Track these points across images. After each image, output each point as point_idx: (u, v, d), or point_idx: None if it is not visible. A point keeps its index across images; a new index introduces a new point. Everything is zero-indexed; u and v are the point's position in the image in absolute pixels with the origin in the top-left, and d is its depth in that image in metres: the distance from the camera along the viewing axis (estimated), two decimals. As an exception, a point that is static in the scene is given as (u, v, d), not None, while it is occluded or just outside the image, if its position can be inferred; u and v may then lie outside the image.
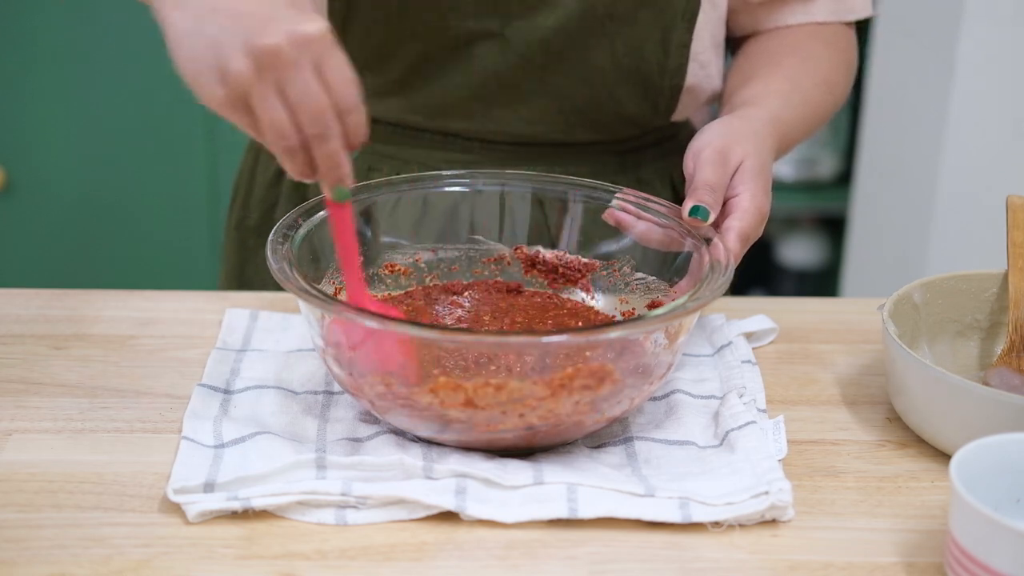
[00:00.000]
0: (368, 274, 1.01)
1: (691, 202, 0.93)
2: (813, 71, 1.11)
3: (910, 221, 2.19)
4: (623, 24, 1.08)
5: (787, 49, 1.13)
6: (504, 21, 1.07)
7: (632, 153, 1.18)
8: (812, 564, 0.78)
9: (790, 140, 1.07)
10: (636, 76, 1.11)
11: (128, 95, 2.41)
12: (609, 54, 1.09)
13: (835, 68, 1.14)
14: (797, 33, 1.15)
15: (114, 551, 0.77)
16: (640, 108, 1.14)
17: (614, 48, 1.09)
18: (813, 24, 1.16)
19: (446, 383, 0.83)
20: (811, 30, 1.16)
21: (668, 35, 1.09)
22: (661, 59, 1.10)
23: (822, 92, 1.11)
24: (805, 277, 2.74)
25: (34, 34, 2.36)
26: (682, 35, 1.10)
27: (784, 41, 1.15)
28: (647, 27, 1.09)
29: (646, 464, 0.87)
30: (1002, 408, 0.84)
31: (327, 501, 0.81)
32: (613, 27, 1.08)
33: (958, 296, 1.00)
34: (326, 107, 0.78)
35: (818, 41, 1.15)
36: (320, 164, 0.80)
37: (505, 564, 0.77)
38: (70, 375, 0.97)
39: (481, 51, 0.97)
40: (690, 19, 1.09)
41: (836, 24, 1.16)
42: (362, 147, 0.81)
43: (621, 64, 1.10)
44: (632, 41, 1.09)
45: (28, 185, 2.47)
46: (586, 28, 1.07)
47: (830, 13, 1.16)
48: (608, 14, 1.07)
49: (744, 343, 1.02)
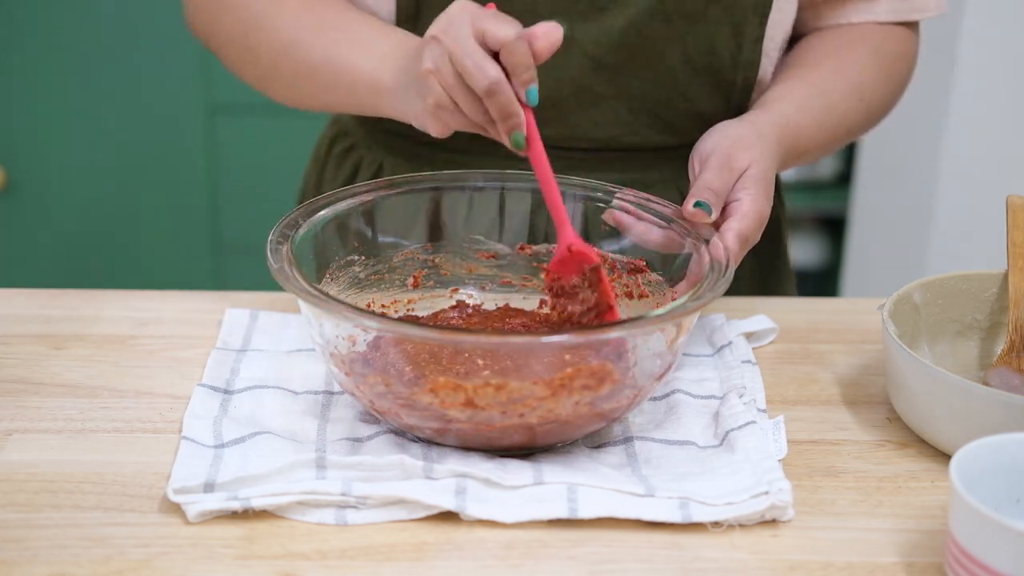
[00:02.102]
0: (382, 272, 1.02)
1: (693, 199, 0.93)
2: (845, 78, 1.10)
3: (910, 221, 2.19)
4: (693, 21, 1.07)
5: (826, 53, 1.12)
6: (573, 23, 1.06)
7: None
8: (812, 564, 0.78)
9: (805, 147, 1.06)
10: (708, 72, 1.10)
11: (128, 95, 2.41)
12: (680, 52, 1.08)
13: (873, 76, 1.12)
14: (847, 35, 1.13)
15: (114, 551, 0.77)
16: (713, 105, 1.12)
17: (685, 46, 1.08)
18: (872, 24, 1.14)
19: (446, 383, 0.83)
20: (865, 32, 1.14)
21: (740, 29, 1.08)
22: (735, 53, 1.09)
23: (852, 100, 1.10)
24: (805, 277, 2.74)
25: (34, 34, 2.36)
26: (754, 29, 1.09)
27: (829, 44, 1.13)
28: (717, 23, 1.07)
29: (646, 464, 0.87)
30: (1002, 408, 0.84)
31: (327, 501, 0.81)
32: (683, 25, 1.07)
33: (958, 296, 1.00)
34: (483, 59, 0.87)
35: (863, 45, 1.13)
36: (493, 114, 0.89)
37: (505, 564, 0.77)
38: (70, 375, 0.97)
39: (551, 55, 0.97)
40: (763, 14, 1.08)
41: (896, 26, 1.15)
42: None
43: (693, 61, 1.09)
44: (703, 37, 1.08)
45: (28, 185, 2.47)
46: (656, 27, 1.07)
47: (892, 13, 1.14)
48: (677, 12, 1.06)
49: (744, 343, 1.02)
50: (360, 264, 1.00)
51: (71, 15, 2.35)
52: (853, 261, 2.44)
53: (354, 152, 1.21)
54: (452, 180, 1.03)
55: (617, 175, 1.11)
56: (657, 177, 1.14)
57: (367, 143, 1.20)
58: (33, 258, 2.53)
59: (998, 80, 2.02)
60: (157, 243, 2.53)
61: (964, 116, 2.05)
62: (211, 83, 2.38)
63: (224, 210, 2.51)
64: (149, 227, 2.52)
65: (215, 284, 2.53)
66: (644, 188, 1.03)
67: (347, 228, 0.99)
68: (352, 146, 1.22)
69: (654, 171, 1.14)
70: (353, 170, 1.21)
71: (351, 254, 0.99)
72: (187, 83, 2.40)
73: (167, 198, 2.50)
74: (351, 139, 1.22)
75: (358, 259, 1.00)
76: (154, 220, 2.51)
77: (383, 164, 1.18)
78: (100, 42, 2.38)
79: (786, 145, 1.02)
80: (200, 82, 2.39)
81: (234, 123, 2.43)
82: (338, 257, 0.98)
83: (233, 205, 2.49)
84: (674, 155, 1.14)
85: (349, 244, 0.99)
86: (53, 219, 2.50)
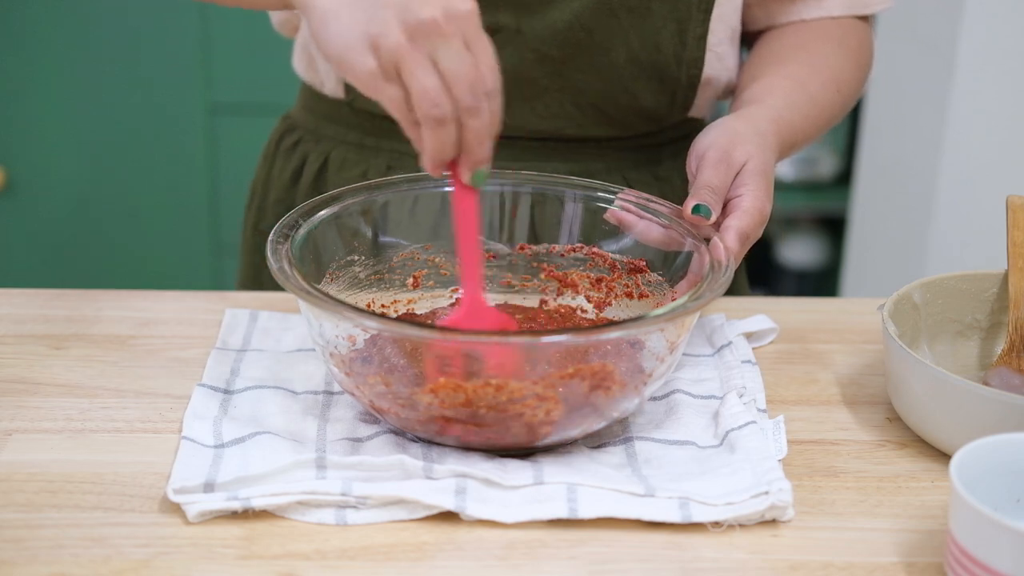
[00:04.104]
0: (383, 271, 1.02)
1: (693, 201, 0.94)
2: (820, 71, 1.11)
3: (910, 221, 2.19)
4: (638, 17, 1.08)
5: (795, 48, 1.13)
6: (519, 15, 1.07)
7: (649, 149, 1.18)
8: (812, 564, 0.78)
9: (795, 140, 1.07)
10: (652, 69, 1.11)
11: (128, 95, 2.42)
12: (624, 47, 1.09)
13: (844, 67, 1.13)
14: (808, 30, 1.15)
15: (114, 551, 0.77)
16: (657, 101, 1.13)
17: (629, 41, 1.09)
18: (827, 19, 1.15)
19: (446, 383, 0.83)
20: (824, 27, 1.15)
21: (684, 26, 1.09)
22: (678, 50, 1.10)
23: (830, 92, 1.11)
24: (805, 277, 2.74)
25: (34, 34, 2.36)
26: (698, 26, 1.10)
27: (794, 39, 1.14)
28: (662, 19, 1.08)
29: (646, 464, 0.87)
30: (1002, 408, 0.84)
31: (327, 501, 0.81)
32: (628, 20, 1.08)
33: (958, 296, 1.00)
34: (479, 79, 0.79)
35: (829, 39, 1.14)
36: (468, 139, 0.80)
37: (505, 564, 0.77)
38: (70, 375, 0.97)
39: (496, 46, 0.97)
40: (706, 10, 1.09)
41: (850, 19, 1.16)
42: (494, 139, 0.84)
43: (637, 57, 1.10)
44: (648, 33, 1.09)
45: (28, 185, 2.47)
46: (601, 21, 1.07)
47: (845, 7, 1.15)
48: (623, 6, 1.07)
49: (744, 343, 1.02)
50: (360, 264, 1.00)
51: (71, 15, 2.35)
52: (853, 261, 2.44)
53: (301, 146, 1.23)
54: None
55: (561, 164, 1.12)
56: (602, 167, 1.15)
57: (314, 136, 1.21)
58: (33, 258, 2.53)
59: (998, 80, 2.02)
60: (157, 243, 2.53)
61: (964, 116, 2.05)
62: (211, 83, 2.39)
63: (224, 210, 2.51)
64: (149, 227, 2.52)
65: (215, 284, 2.53)
66: (589, 177, 1.05)
67: (347, 228, 0.99)
68: (299, 140, 1.23)
69: (599, 161, 1.15)
70: (300, 163, 1.22)
71: (351, 254, 0.99)
72: (187, 83, 2.40)
73: (167, 198, 2.50)
74: (299, 133, 1.24)
75: (358, 259, 1.00)
76: (154, 220, 2.51)
77: (329, 157, 1.20)
78: (100, 42, 2.38)
79: (782, 138, 1.03)
80: (200, 82, 2.39)
81: (234, 123, 2.43)
82: (338, 257, 0.98)
83: (233, 205, 2.50)
84: (619, 145, 1.15)
85: (349, 244, 0.99)
86: (53, 219, 2.50)
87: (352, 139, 1.18)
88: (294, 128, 1.25)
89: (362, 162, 1.17)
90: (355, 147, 1.18)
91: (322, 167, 1.20)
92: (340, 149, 1.19)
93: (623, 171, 1.16)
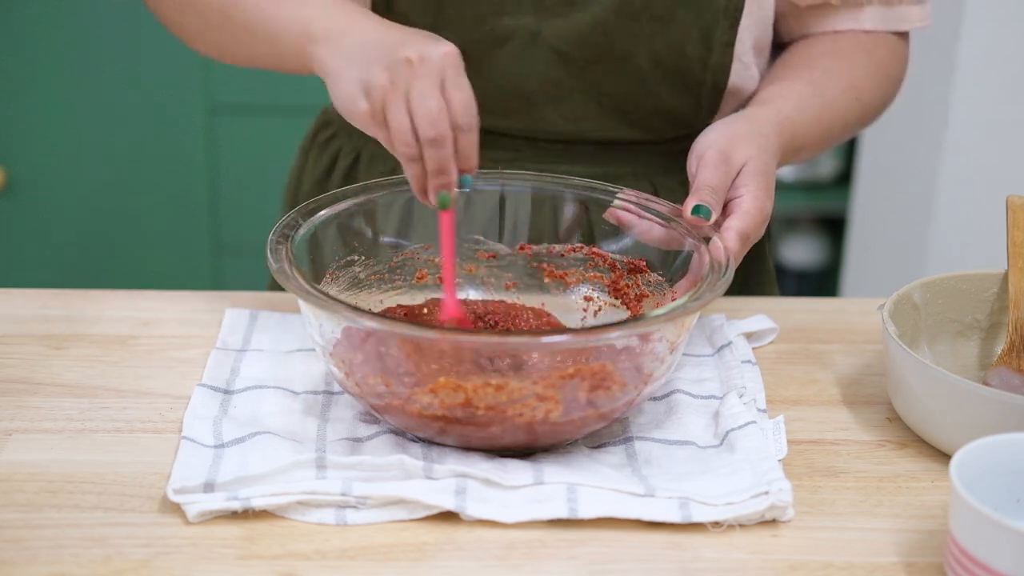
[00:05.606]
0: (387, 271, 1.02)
1: (693, 201, 0.93)
2: (839, 77, 1.10)
3: (910, 221, 2.19)
4: (661, 22, 1.07)
5: (820, 55, 1.12)
6: (540, 18, 1.07)
7: (679, 155, 1.17)
8: (812, 564, 0.78)
9: (803, 143, 1.06)
10: (677, 73, 1.10)
11: (128, 95, 2.41)
12: (648, 52, 1.09)
13: (867, 76, 1.12)
14: (838, 40, 1.14)
15: (114, 551, 0.77)
16: (683, 105, 1.13)
17: (653, 46, 1.08)
18: (860, 32, 1.14)
19: (446, 383, 0.83)
20: (854, 38, 1.14)
21: (710, 33, 1.08)
22: (704, 55, 1.09)
23: (847, 98, 1.10)
24: (805, 277, 2.75)
25: (34, 34, 2.36)
26: (724, 33, 1.09)
27: (821, 47, 1.14)
28: (686, 26, 1.08)
29: (646, 464, 0.87)
30: (1002, 408, 0.84)
31: (327, 501, 0.81)
32: (651, 25, 1.07)
33: (958, 296, 1.00)
34: (442, 114, 0.85)
35: (856, 49, 1.13)
36: (428, 166, 0.87)
37: (505, 564, 0.77)
38: (70, 375, 0.97)
39: (519, 48, 0.99)
40: (733, 18, 1.08)
41: (884, 34, 1.15)
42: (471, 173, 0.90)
43: (661, 61, 1.09)
44: (672, 39, 1.08)
45: (28, 185, 2.47)
46: (623, 25, 1.07)
47: (878, 22, 1.14)
48: (645, 12, 1.07)
49: (744, 343, 1.02)
50: (360, 264, 1.00)
51: (71, 15, 2.35)
52: (853, 261, 2.44)
53: (335, 140, 1.24)
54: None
55: (586, 168, 1.12)
56: (628, 171, 1.15)
57: (347, 132, 1.21)
58: (33, 258, 2.53)
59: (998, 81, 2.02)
60: (157, 243, 2.53)
61: (964, 116, 2.05)
62: (211, 83, 2.38)
63: (223, 210, 2.51)
64: (149, 227, 2.52)
65: (215, 284, 2.53)
66: (615, 181, 1.04)
67: (347, 228, 0.99)
68: (333, 135, 1.24)
69: (625, 165, 1.15)
70: (332, 159, 1.23)
71: (351, 254, 0.99)
72: (187, 83, 2.40)
73: (167, 198, 2.50)
74: (334, 128, 1.24)
75: (358, 259, 1.00)
76: (154, 220, 2.51)
77: (360, 154, 1.20)
78: (100, 42, 2.38)
79: (785, 140, 1.02)
80: (200, 82, 2.39)
81: (234, 123, 2.43)
82: (338, 257, 0.98)
83: (233, 205, 2.50)
84: (646, 150, 1.15)
85: (349, 244, 0.99)
86: (53, 219, 2.50)
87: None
88: (330, 123, 1.26)
89: (391, 158, 1.16)
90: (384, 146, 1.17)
91: (354, 162, 1.20)
92: (371, 145, 1.19)
93: (651, 176, 1.15)
